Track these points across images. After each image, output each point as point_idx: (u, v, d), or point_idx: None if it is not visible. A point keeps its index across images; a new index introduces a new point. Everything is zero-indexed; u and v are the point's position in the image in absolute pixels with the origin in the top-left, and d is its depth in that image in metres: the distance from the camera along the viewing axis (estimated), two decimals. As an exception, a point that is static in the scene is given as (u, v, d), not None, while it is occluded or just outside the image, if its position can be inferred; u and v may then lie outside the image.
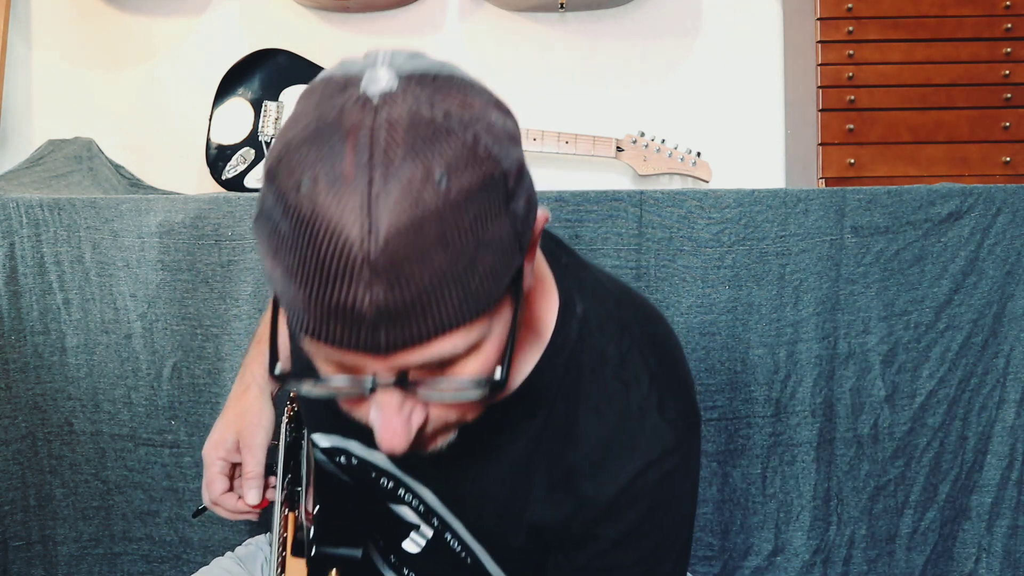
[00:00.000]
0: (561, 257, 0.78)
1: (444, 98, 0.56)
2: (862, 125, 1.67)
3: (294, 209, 0.54)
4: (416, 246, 0.52)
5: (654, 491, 0.73)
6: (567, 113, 1.91)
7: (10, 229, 1.43)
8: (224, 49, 1.89)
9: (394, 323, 0.54)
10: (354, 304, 0.53)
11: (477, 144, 0.55)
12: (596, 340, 0.74)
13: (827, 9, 1.68)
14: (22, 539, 1.44)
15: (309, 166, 0.54)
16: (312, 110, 0.57)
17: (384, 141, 0.53)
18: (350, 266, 0.52)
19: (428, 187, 0.53)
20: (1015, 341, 1.37)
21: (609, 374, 0.73)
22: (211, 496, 0.91)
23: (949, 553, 1.39)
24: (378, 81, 0.56)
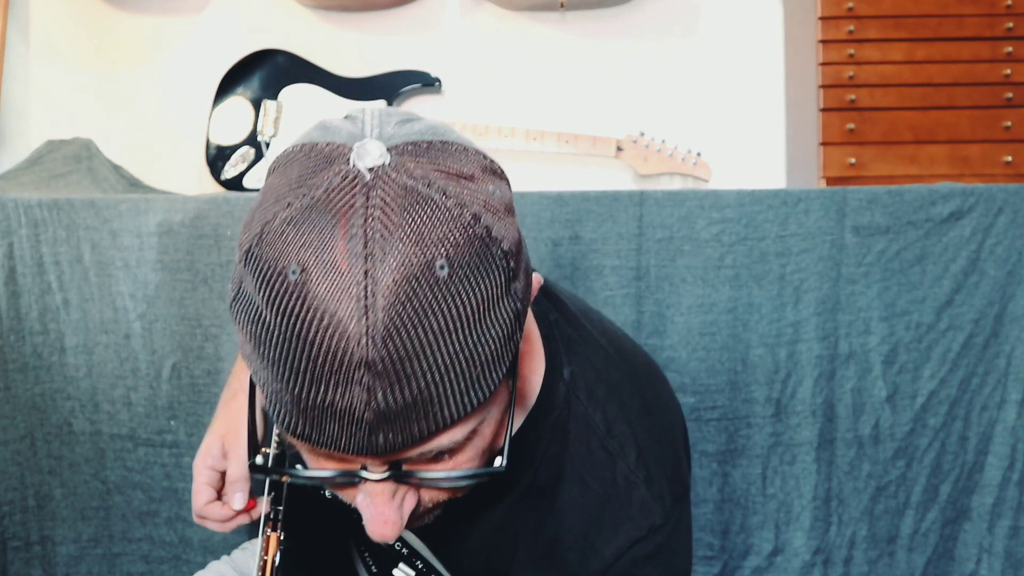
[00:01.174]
0: (550, 312, 0.74)
1: (440, 171, 0.52)
2: (863, 125, 1.66)
3: (281, 301, 0.49)
4: (417, 343, 0.49)
5: (642, 569, 0.69)
6: (567, 113, 1.90)
7: (9, 229, 1.43)
8: (224, 49, 1.89)
9: (393, 425, 0.50)
10: (350, 407, 0.49)
11: (477, 223, 0.51)
12: (583, 406, 0.70)
13: (828, 8, 1.68)
14: (21, 539, 1.44)
15: (295, 253, 0.49)
16: (295, 185, 0.52)
17: (379, 226, 0.49)
18: (347, 367, 0.48)
19: (428, 278, 0.49)
20: (1016, 341, 1.37)
21: (595, 443, 0.69)
22: (196, 507, 0.85)
23: (950, 554, 1.39)
24: (368, 155, 0.51)
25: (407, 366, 0.49)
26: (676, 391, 1.36)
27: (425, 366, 0.49)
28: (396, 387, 0.49)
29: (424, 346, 0.49)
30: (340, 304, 0.48)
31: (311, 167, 0.52)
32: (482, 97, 1.89)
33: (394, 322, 0.48)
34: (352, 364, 0.48)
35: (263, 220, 0.51)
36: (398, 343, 0.48)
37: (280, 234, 0.50)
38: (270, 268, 0.50)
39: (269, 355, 0.50)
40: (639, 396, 0.73)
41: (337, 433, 0.51)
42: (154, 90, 1.99)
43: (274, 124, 1.76)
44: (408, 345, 0.49)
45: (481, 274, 0.51)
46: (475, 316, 0.51)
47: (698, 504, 1.39)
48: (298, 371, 0.49)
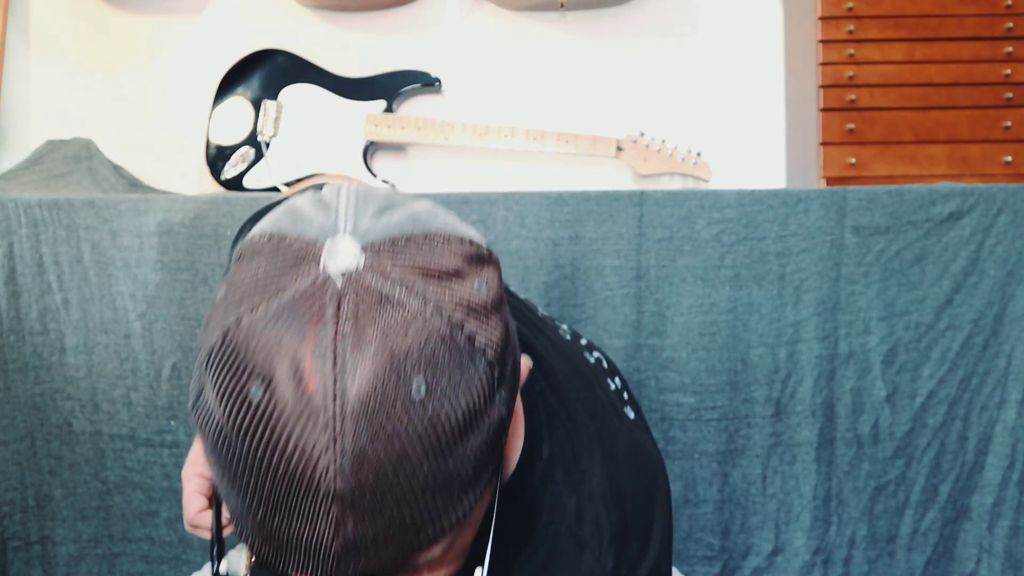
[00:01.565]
0: (536, 382, 0.69)
1: (419, 271, 0.48)
2: (863, 125, 1.66)
3: (244, 422, 0.45)
4: (391, 472, 0.45)
5: None
6: (567, 113, 1.90)
7: (9, 229, 1.43)
8: (223, 49, 1.89)
9: (364, 554, 0.47)
10: (317, 538, 0.46)
11: (459, 332, 0.47)
12: (558, 488, 0.66)
13: (828, 8, 1.68)
14: (21, 540, 1.44)
15: (259, 367, 0.45)
16: (261, 285, 0.48)
17: (350, 340, 0.45)
18: (314, 499, 0.45)
19: (404, 400, 0.45)
20: (1016, 341, 1.37)
21: (564, 530, 0.65)
22: (188, 517, 0.81)
23: (950, 554, 1.39)
24: (340, 255, 0.47)
25: (379, 496, 0.45)
26: (676, 391, 1.37)
27: (399, 494, 0.46)
28: (367, 518, 0.46)
29: (398, 473, 0.45)
30: (306, 432, 0.44)
31: (279, 265, 0.48)
32: (482, 97, 1.89)
33: (365, 451, 0.44)
34: (320, 495, 0.45)
35: (225, 324, 0.47)
36: (369, 474, 0.45)
37: (244, 343, 0.46)
38: (232, 383, 0.46)
39: (231, 474, 0.47)
40: (617, 480, 0.69)
41: (303, 561, 0.47)
42: (154, 90, 1.99)
43: (274, 124, 1.76)
44: (380, 474, 0.45)
45: (462, 390, 0.47)
46: (454, 436, 0.47)
47: (698, 504, 1.39)
48: (262, 497, 0.46)
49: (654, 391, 1.38)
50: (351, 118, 1.77)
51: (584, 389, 0.75)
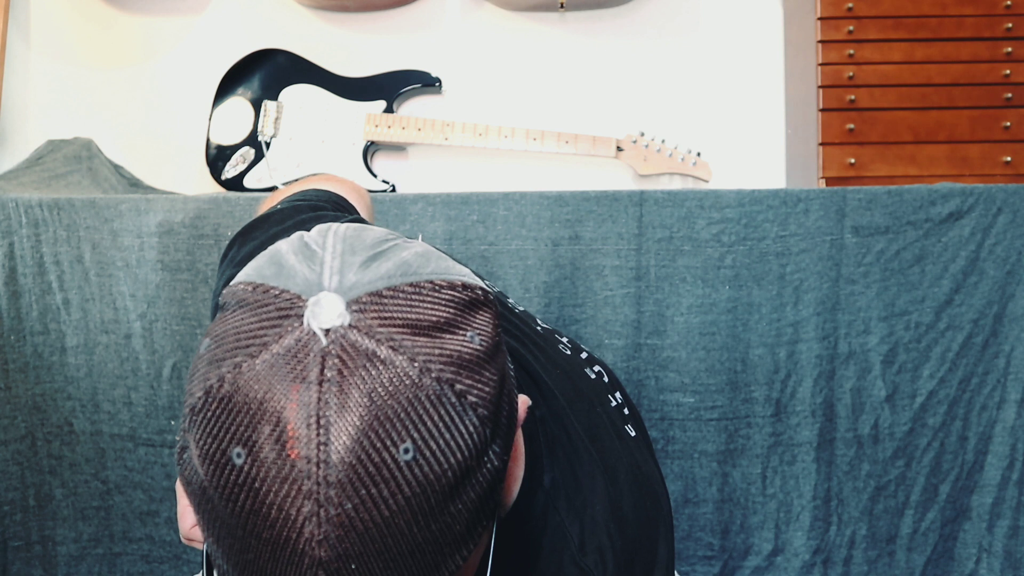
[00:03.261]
0: (537, 407, 0.68)
1: (407, 327, 0.47)
2: (862, 125, 1.66)
3: (227, 487, 0.45)
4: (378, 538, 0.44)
5: None
6: (567, 113, 1.91)
7: (9, 229, 1.43)
8: (224, 49, 1.89)
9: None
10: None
11: (449, 390, 0.46)
12: (560, 517, 0.66)
13: (827, 9, 1.68)
14: (21, 539, 1.44)
15: (241, 431, 0.45)
16: (242, 341, 0.47)
17: (334, 403, 0.44)
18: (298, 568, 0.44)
19: (390, 465, 0.44)
20: (1016, 341, 1.37)
21: (567, 559, 0.65)
22: (183, 529, 0.77)
23: (950, 553, 1.39)
24: (324, 313, 0.46)
25: (366, 562, 0.44)
26: (676, 391, 1.37)
27: (387, 558, 0.45)
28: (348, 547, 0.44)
29: (386, 538, 0.44)
30: (289, 499, 0.43)
31: (262, 319, 0.47)
32: (482, 97, 1.89)
33: (351, 518, 0.44)
34: (304, 564, 0.44)
35: (207, 383, 0.46)
36: (355, 541, 0.44)
37: (225, 403, 0.45)
38: (214, 444, 0.45)
39: (215, 535, 0.47)
40: (619, 506, 0.69)
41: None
42: (154, 90, 1.99)
43: (274, 124, 1.76)
44: (367, 541, 0.44)
45: (452, 450, 0.46)
46: (444, 496, 0.45)
47: (698, 504, 1.39)
48: (245, 563, 0.45)
49: (654, 391, 1.38)
50: (351, 118, 1.77)
51: (586, 411, 0.73)
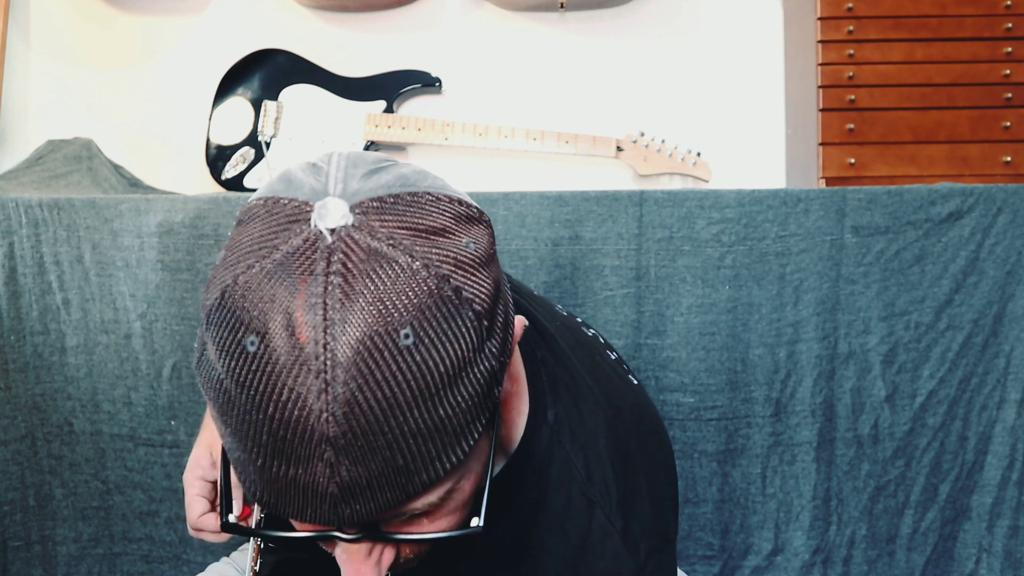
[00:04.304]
0: (538, 349, 0.71)
1: (407, 229, 0.50)
2: (862, 125, 1.66)
3: (241, 373, 0.48)
4: (381, 417, 0.47)
5: None
6: (567, 113, 1.91)
7: (9, 229, 1.43)
8: (224, 49, 1.89)
9: (359, 498, 0.49)
10: (314, 482, 0.48)
11: (445, 285, 0.49)
12: (565, 451, 0.68)
13: (827, 9, 1.68)
14: (21, 539, 1.44)
15: (254, 322, 0.48)
16: (255, 246, 0.50)
17: (339, 294, 0.47)
18: (308, 443, 0.47)
19: (391, 348, 0.47)
20: (1016, 341, 1.37)
21: (575, 490, 0.68)
22: (191, 519, 0.82)
23: (949, 553, 1.39)
24: (329, 215, 0.50)
25: (371, 440, 0.47)
26: (676, 391, 1.37)
27: (391, 438, 0.48)
28: (360, 462, 0.48)
29: (388, 419, 0.47)
30: (299, 380, 0.46)
31: (272, 226, 0.51)
32: (482, 97, 1.89)
33: (355, 396, 0.46)
34: (314, 440, 0.47)
35: (223, 283, 0.50)
36: (360, 418, 0.47)
37: (240, 299, 0.49)
38: (229, 336, 0.48)
39: (232, 424, 0.50)
40: (624, 442, 0.71)
41: (302, 505, 0.50)
42: (154, 90, 1.99)
43: (274, 124, 1.76)
44: (371, 419, 0.47)
45: (449, 339, 0.49)
46: (443, 383, 0.49)
47: (698, 504, 1.39)
48: (261, 445, 0.48)
49: (654, 391, 1.38)
50: (351, 118, 1.77)
51: (587, 356, 0.76)
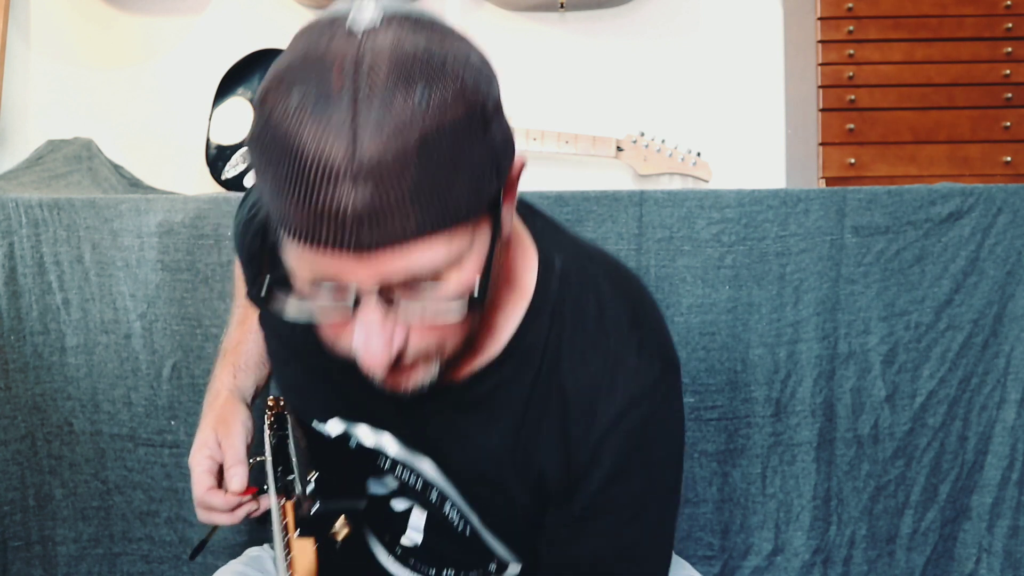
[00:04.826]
0: (536, 221, 0.81)
1: (426, 36, 0.60)
2: (862, 125, 1.67)
3: (282, 124, 0.57)
4: (397, 154, 0.56)
5: (639, 428, 0.76)
6: (567, 113, 1.91)
7: (9, 229, 1.43)
8: (224, 49, 1.89)
9: (377, 221, 0.57)
10: (338, 204, 0.56)
11: (457, 75, 0.59)
12: (576, 293, 0.77)
13: (827, 9, 1.68)
14: (21, 539, 1.44)
15: (297, 88, 0.58)
16: (302, 45, 0.60)
17: (368, 66, 0.57)
18: (334, 169, 0.56)
19: (409, 105, 0.56)
20: (1016, 341, 1.37)
21: (591, 325, 0.77)
22: (199, 495, 0.85)
23: (949, 553, 1.39)
24: (363, 15, 0.59)
25: (388, 170, 0.56)
26: (676, 391, 1.37)
27: (404, 173, 0.56)
28: (379, 188, 0.56)
29: (404, 157, 0.56)
30: (331, 119, 0.56)
31: (316, 30, 0.61)
32: (482, 97, 1.89)
33: (377, 134, 0.56)
34: (340, 167, 0.56)
35: (274, 71, 0.61)
36: (380, 152, 0.56)
37: (285, 77, 0.59)
38: (275, 103, 0.58)
39: (273, 171, 0.58)
40: (623, 282, 0.81)
41: (328, 231, 0.58)
42: (154, 90, 1.99)
43: (274, 124, 1.76)
44: (389, 155, 0.56)
45: (458, 109, 0.58)
46: (451, 143, 0.58)
47: (698, 504, 1.39)
48: (296, 178, 0.57)
49: (654, 391, 1.38)
50: (351, 118, 1.77)
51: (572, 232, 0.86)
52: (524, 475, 0.79)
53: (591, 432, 0.76)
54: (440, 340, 0.67)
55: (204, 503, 0.86)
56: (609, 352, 0.76)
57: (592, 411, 0.76)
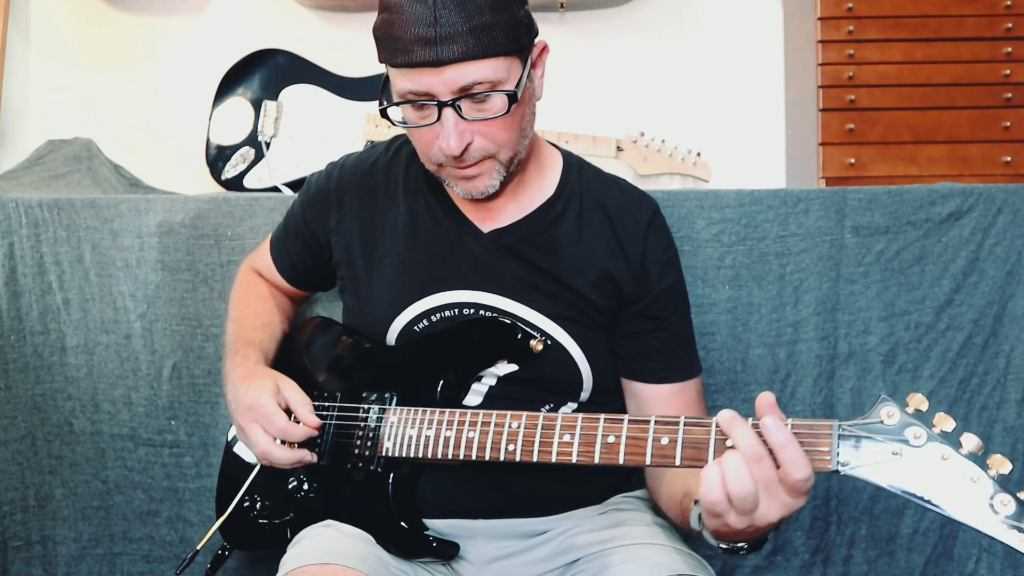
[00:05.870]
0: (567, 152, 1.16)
1: None
2: (862, 125, 1.67)
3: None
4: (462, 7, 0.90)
5: (664, 228, 1.11)
6: (567, 113, 1.91)
7: (10, 229, 1.43)
8: (224, 49, 1.89)
9: (449, 45, 0.90)
10: (426, 35, 0.90)
11: None
12: (593, 168, 1.14)
13: (827, 9, 1.68)
14: (22, 539, 1.44)
15: None
16: None
17: None
18: (427, 7, 0.90)
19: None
20: (1016, 341, 1.37)
21: (607, 178, 1.14)
22: (276, 429, 1.04)
23: (949, 553, 1.39)
24: None
25: (457, 14, 0.90)
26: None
27: (468, 16, 0.90)
28: (451, 24, 0.90)
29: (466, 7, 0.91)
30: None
31: None
32: (482, 97, 1.89)
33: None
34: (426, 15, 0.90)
35: None
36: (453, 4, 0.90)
37: None
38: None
39: (385, 18, 0.94)
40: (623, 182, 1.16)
41: (419, 53, 0.91)
42: (155, 90, 1.99)
43: (274, 124, 1.76)
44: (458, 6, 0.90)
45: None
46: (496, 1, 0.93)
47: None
48: (400, 23, 0.92)
49: (654, 391, 1.38)
50: (351, 118, 1.77)
51: None
52: (594, 280, 1.06)
53: (637, 230, 1.08)
54: (495, 141, 0.98)
55: (285, 434, 1.04)
56: (625, 189, 1.13)
57: (632, 218, 1.08)
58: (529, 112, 1.03)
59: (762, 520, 0.79)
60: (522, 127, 1.01)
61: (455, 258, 1.08)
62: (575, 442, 0.90)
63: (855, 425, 0.76)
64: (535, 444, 0.92)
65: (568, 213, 1.08)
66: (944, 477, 0.72)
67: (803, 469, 0.76)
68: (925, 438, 0.73)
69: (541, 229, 1.08)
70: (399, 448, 1.00)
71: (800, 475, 0.76)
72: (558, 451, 0.91)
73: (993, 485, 0.69)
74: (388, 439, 1.01)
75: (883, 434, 0.75)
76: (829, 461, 0.77)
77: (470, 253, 1.08)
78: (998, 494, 0.69)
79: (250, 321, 1.19)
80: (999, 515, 0.68)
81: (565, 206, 1.09)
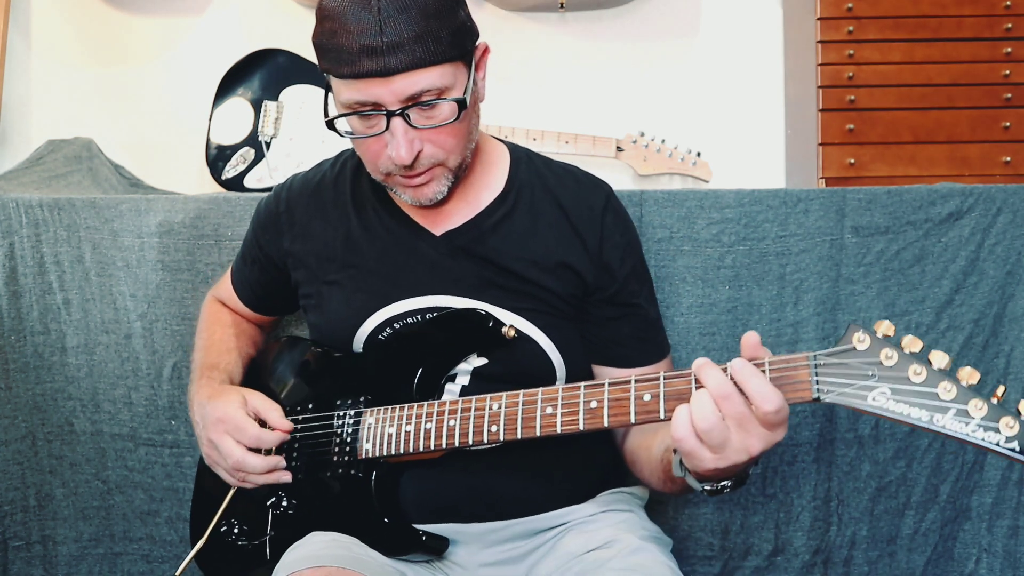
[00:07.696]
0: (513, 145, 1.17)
1: None
2: (862, 125, 1.67)
3: (331, 5, 0.93)
4: (406, 14, 0.90)
5: (620, 211, 1.12)
6: (567, 113, 1.91)
7: (10, 229, 1.43)
8: (224, 49, 1.89)
9: (400, 52, 0.90)
10: (371, 44, 0.90)
11: None
12: (542, 158, 1.15)
13: (827, 9, 1.68)
14: (22, 539, 1.44)
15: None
16: None
17: None
18: (372, 15, 0.89)
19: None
20: (1016, 341, 1.37)
21: (557, 167, 1.14)
22: (249, 437, 1.04)
23: (950, 553, 1.39)
24: None
25: (401, 24, 0.90)
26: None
27: (412, 25, 0.90)
28: (400, 28, 0.90)
29: (410, 15, 0.90)
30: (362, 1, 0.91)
31: None
32: (482, 97, 1.90)
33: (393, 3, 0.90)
34: (375, 12, 0.90)
35: None
36: (396, 11, 0.90)
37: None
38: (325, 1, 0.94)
39: (332, 27, 0.92)
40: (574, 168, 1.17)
41: (366, 64, 0.90)
42: (155, 90, 1.99)
43: (274, 124, 1.76)
44: (402, 14, 0.90)
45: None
46: (437, 7, 0.92)
47: (698, 504, 1.39)
48: (344, 33, 0.91)
49: (654, 391, 1.38)
50: (351, 118, 1.77)
51: None
52: (552, 269, 1.06)
53: (592, 216, 1.08)
54: (444, 148, 0.98)
55: (258, 441, 1.04)
56: (576, 175, 1.14)
57: (586, 205, 1.09)
58: (476, 116, 1.03)
59: (742, 455, 0.81)
60: (470, 131, 1.01)
61: (411, 264, 1.08)
62: (558, 412, 0.90)
63: (830, 353, 0.80)
64: (518, 421, 0.92)
65: (519, 206, 1.08)
66: (919, 393, 0.75)
67: (771, 401, 0.79)
68: (896, 358, 0.76)
69: (493, 225, 1.08)
70: (379, 448, 1.00)
71: (769, 407, 0.79)
72: (542, 424, 0.90)
73: (966, 393, 0.73)
74: (367, 441, 1.01)
75: (857, 359, 0.78)
76: (809, 391, 0.81)
77: (425, 258, 1.08)
78: (972, 399, 0.72)
79: (216, 347, 1.19)
80: (974, 419, 0.73)
81: (516, 200, 1.09)
